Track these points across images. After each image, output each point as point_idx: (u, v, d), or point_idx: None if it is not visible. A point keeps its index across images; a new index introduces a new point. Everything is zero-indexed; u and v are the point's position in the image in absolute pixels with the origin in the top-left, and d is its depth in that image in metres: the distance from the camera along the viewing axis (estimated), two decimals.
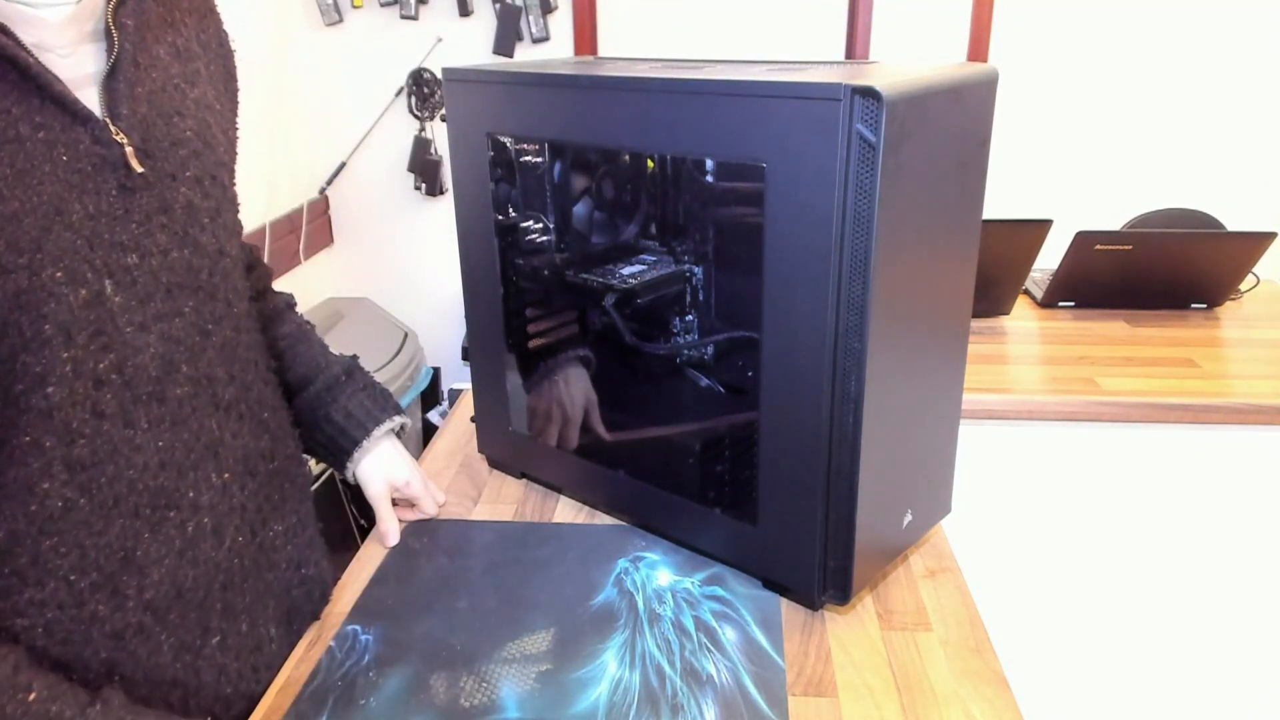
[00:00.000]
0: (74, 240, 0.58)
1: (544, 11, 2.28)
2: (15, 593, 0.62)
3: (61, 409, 0.59)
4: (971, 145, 0.78)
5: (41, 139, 0.57)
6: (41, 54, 0.58)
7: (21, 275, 0.56)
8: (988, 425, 1.49)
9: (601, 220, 1.02)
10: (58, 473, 0.60)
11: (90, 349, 0.60)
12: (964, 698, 0.74)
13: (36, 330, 0.57)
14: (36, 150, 0.57)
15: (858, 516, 0.77)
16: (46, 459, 0.60)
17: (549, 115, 0.87)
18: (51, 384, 0.58)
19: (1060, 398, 1.46)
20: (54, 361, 0.58)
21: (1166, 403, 1.44)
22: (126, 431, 0.63)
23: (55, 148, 0.58)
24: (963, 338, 0.87)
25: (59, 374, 0.59)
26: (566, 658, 0.78)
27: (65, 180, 0.58)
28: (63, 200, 0.58)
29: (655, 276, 0.97)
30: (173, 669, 0.69)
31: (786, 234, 0.73)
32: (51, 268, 0.57)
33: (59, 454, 0.60)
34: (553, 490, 1.05)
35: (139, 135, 0.63)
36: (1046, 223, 1.63)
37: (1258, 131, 2.25)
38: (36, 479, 0.60)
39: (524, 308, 1.03)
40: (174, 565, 0.68)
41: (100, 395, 0.61)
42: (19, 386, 0.57)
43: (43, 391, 0.58)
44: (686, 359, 0.99)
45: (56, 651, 0.64)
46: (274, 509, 0.78)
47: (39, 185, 0.57)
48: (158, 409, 0.64)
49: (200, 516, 0.69)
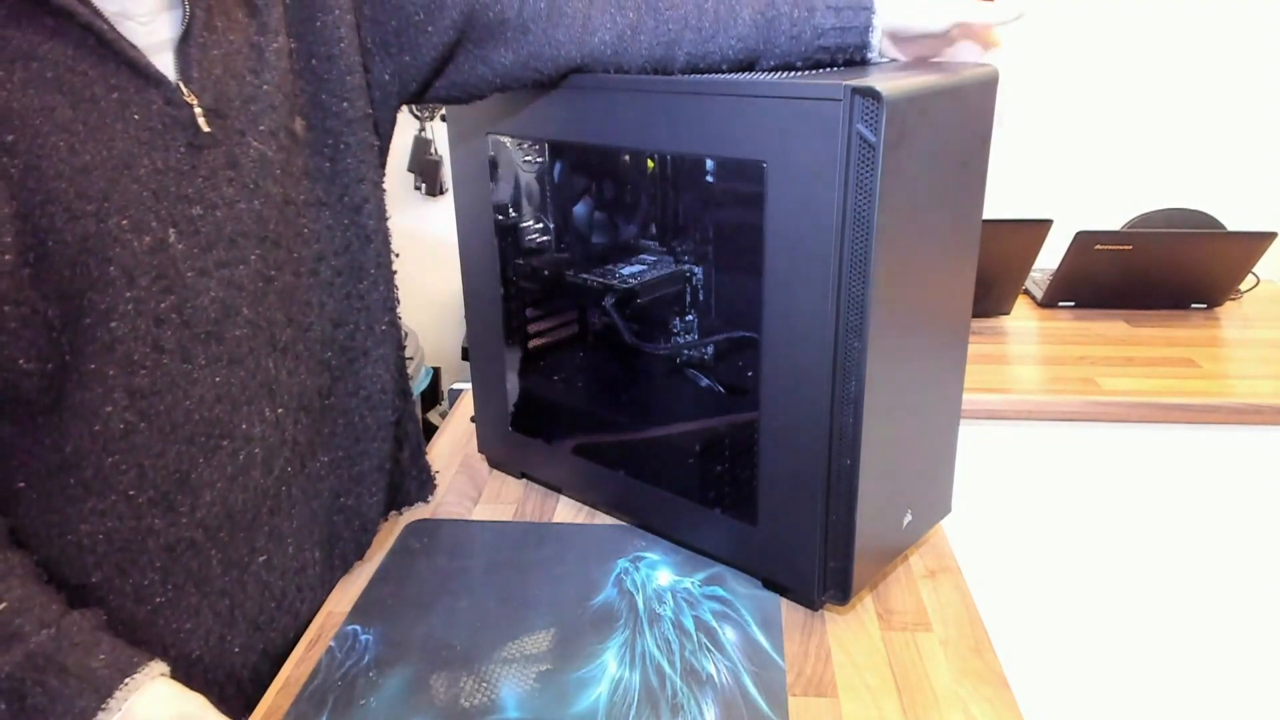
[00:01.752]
0: (140, 192, 0.64)
1: None
2: (80, 501, 0.68)
3: (124, 342, 0.65)
4: (971, 145, 0.78)
5: (115, 99, 0.62)
6: (122, 22, 0.64)
7: (89, 221, 0.62)
8: (988, 425, 1.49)
9: (601, 220, 1.02)
10: (119, 399, 0.66)
11: (152, 290, 0.65)
12: (964, 698, 0.74)
13: (102, 271, 0.63)
14: (110, 109, 0.62)
15: (858, 516, 0.77)
16: (109, 386, 0.65)
17: (549, 115, 0.87)
18: (115, 320, 0.64)
19: (1060, 398, 1.46)
20: (117, 300, 0.64)
21: (1166, 403, 1.44)
22: (184, 366, 0.68)
23: (128, 107, 0.63)
24: (963, 338, 0.87)
25: (121, 311, 0.64)
26: (566, 658, 0.78)
27: (135, 137, 0.64)
28: (132, 155, 0.63)
29: (655, 276, 0.97)
30: (221, 581, 0.75)
31: (786, 234, 0.73)
32: (118, 216, 0.63)
33: (120, 382, 0.66)
34: (553, 490, 1.05)
35: (211, 96, 0.67)
36: (1046, 223, 1.64)
37: (1258, 131, 2.25)
38: (99, 403, 0.65)
39: (524, 308, 1.03)
40: (225, 489, 0.73)
41: (160, 332, 0.66)
42: (86, 320, 0.63)
43: (106, 325, 0.64)
44: (686, 359, 0.99)
45: (116, 558, 0.70)
46: (324, 442, 0.82)
47: (110, 141, 0.62)
48: (215, 348, 0.70)
49: (252, 447, 0.74)
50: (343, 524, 0.87)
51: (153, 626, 0.73)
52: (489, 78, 0.83)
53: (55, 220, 0.60)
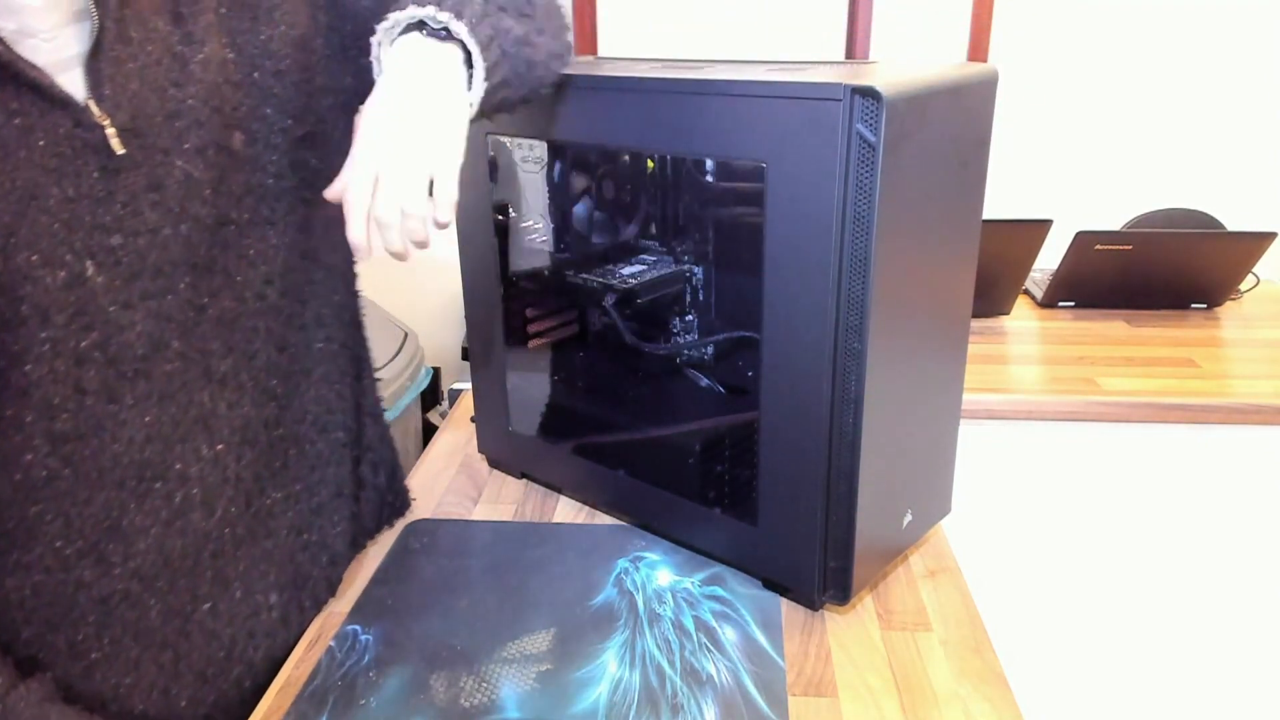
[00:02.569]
0: (50, 224, 0.59)
1: None
2: (3, 554, 0.64)
3: (40, 386, 0.61)
4: (971, 145, 0.78)
5: (17, 125, 0.58)
6: (21, 40, 0.58)
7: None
8: (988, 425, 1.49)
9: (601, 220, 1.02)
10: (40, 445, 0.62)
11: (70, 328, 0.61)
12: (964, 698, 0.74)
13: (14, 311, 0.58)
14: (10, 137, 0.57)
15: (858, 516, 0.77)
16: (27, 432, 0.61)
17: (549, 115, 0.87)
18: (30, 362, 0.60)
19: (1060, 398, 1.46)
20: (31, 340, 0.59)
21: (1166, 403, 1.44)
22: (110, 407, 0.64)
23: (31, 133, 0.58)
24: (963, 338, 0.87)
25: (36, 353, 0.60)
26: (566, 658, 0.78)
27: (41, 165, 0.59)
28: (39, 185, 0.59)
29: (655, 276, 0.97)
30: (162, 633, 0.71)
31: (786, 234, 0.73)
32: (26, 251, 0.58)
33: (40, 427, 0.62)
34: (553, 490, 1.05)
35: (126, 114, 0.62)
36: (1046, 223, 1.63)
37: (1258, 131, 2.25)
38: (18, 451, 0.62)
39: (524, 308, 1.03)
40: (160, 535, 0.69)
41: (82, 372, 0.62)
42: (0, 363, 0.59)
43: (20, 369, 0.60)
44: (686, 359, 0.99)
45: (45, 613, 0.66)
46: (273, 476, 0.77)
47: (13, 171, 0.58)
48: (144, 385, 0.65)
49: (189, 487, 0.69)
50: (309, 561, 0.82)
51: (89, 682, 0.69)
52: None
53: None
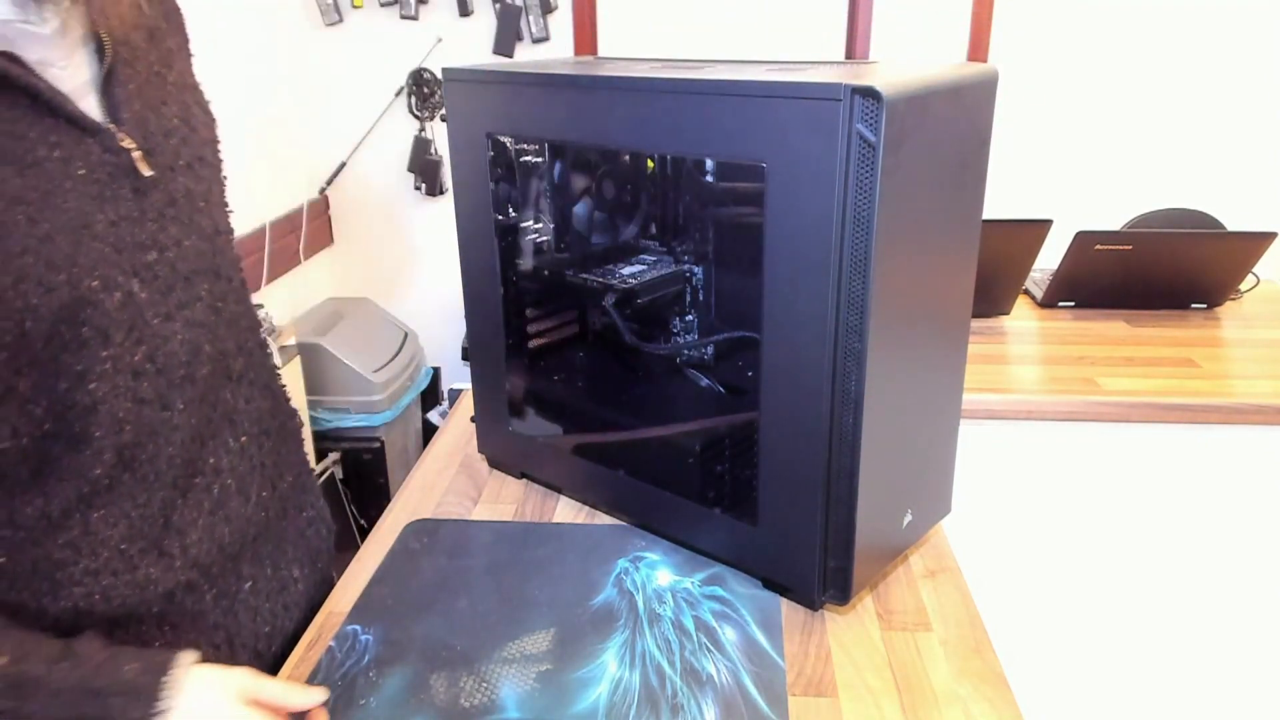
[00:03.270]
0: (102, 249, 0.61)
1: (544, 11, 2.28)
2: (70, 564, 0.66)
3: (106, 401, 0.63)
4: (971, 145, 0.78)
5: (58, 157, 0.59)
6: (45, 70, 0.60)
7: (63, 290, 0.59)
8: (988, 425, 1.49)
9: (601, 220, 1.02)
10: (108, 458, 0.64)
11: (125, 345, 0.63)
12: (964, 698, 0.74)
13: (75, 335, 0.60)
14: (55, 170, 0.59)
15: (858, 516, 0.77)
16: (96, 447, 0.63)
17: (549, 115, 0.87)
18: (93, 380, 0.62)
19: (1060, 398, 1.46)
20: (94, 360, 0.62)
21: (1166, 403, 1.44)
22: (164, 414, 0.67)
23: (71, 164, 0.60)
24: (963, 338, 0.87)
25: (99, 371, 0.62)
26: (566, 658, 0.78)
27: (85, 193, 0.61)
28: (86, 213, 0.61)
29: (655, 276, 0.97)
30: (214, 615, 0.75)
31: (786, 234, 0.73)
32: (88, 279, 0.60)
33: (108, 441, 0.64)
34: (553, 490, 1.05)
35: (140, 135, 0.65)
36: (1046, 223, 1.63)
37: (1258, 131, 2.25)
38: (89, 465, 0.64)
39: (524, 308, 1.03)
40: (209, 524, 0.73)
41: (138, 385, 0.65)
42: (62, 385, 0.61)
43: (85, 388, 0.62)
44: (686, 359, 0.99)
45: (113, 613, 0.69)
46: (283, 462, 0.83)
47: (63, 203, 0.59)
48: (190, 389, 0.69)
49: (224, 479, 0.73)
50: (315, 535, 0.88)
51: None
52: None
53: (30, 298, 0.57)
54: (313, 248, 2.42)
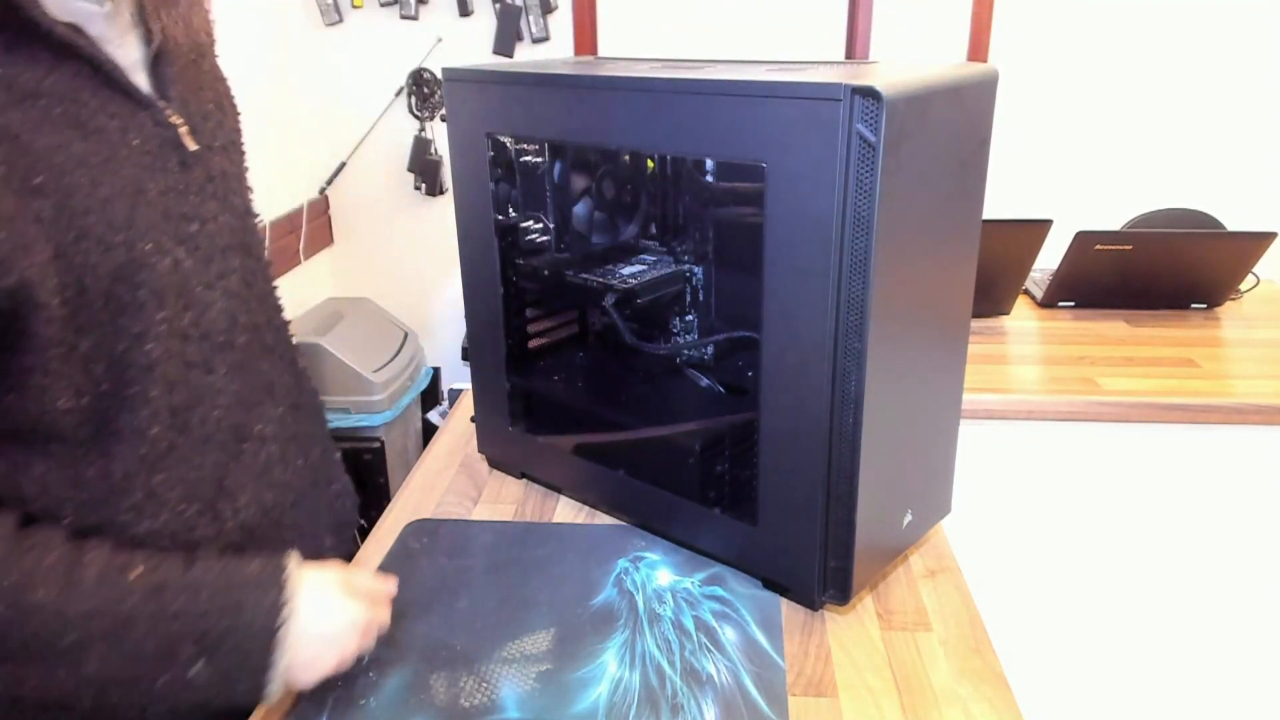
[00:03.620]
0: (153, 216, 0.65)
1: (544, 11, 2.28)
2: (134, 526, 0.68)
3: (161, 363, 0.66)
4: (971, 145, 0.78)
5: (116, 126, 0.64)
6: (104, 45, 0.64)
7: (120, 251, 0.63)
8: (988, 425, 1.49)
9: (601, 220, 1.02)
10: (163, 418, 0.68)
11: (175, 308, 0.67)
12: (964, 698, 0.74)
13: (133, 297, 0.64)
14: (113, 137, 0.63)
15: (858, 516, 0.77)
16: (154, 406, 0.67)
17: (549, 115, 0.87)
18: (150, 342, 0.66)
19: (1060, 398, 1.46)
20: (150, 323, 0.65)
21: (1166, 403, 1.44)
22: (209, 377, 0.71)
23: (128, 133, 0.64)
24: (963, 338, 0.87)
25: (155, 333, 0.66)
26: (566, 658, 0.78)
27: (139, 163, 0.65)
28: (140, 180, 0.65)
29: (655, 276, 0.97)
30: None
31: (786, 234, 0.73)
32: (141, 242, 0.64)
33: (164, 401, 0.67)
34: (553, 490, 1.05)
35: (184, 113, 0.70)
36: (1046, 223, 1.63)
37: (1258, 131, 2.25)
38: (146, 424, 0.67)
39: (524, 308, 1.03)
40: (256, 489, 0.76)
41: (186, 348, 0.69)
42: (120, 346, 0.64)
43: (142, 349, 0.65)
44: (686, 359, 0.99)
45: None
46: (311, 435, 0.86)
47: (120, 169, 0.63)
48: (230, 355, 0.73)
49: (268, 445, 0.77)
50: (341, 508, 0.91)
51: None
52: None
53: (90, 256, 0.61)
54: (313, 248, 2.42)
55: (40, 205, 0.58)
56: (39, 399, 0.62)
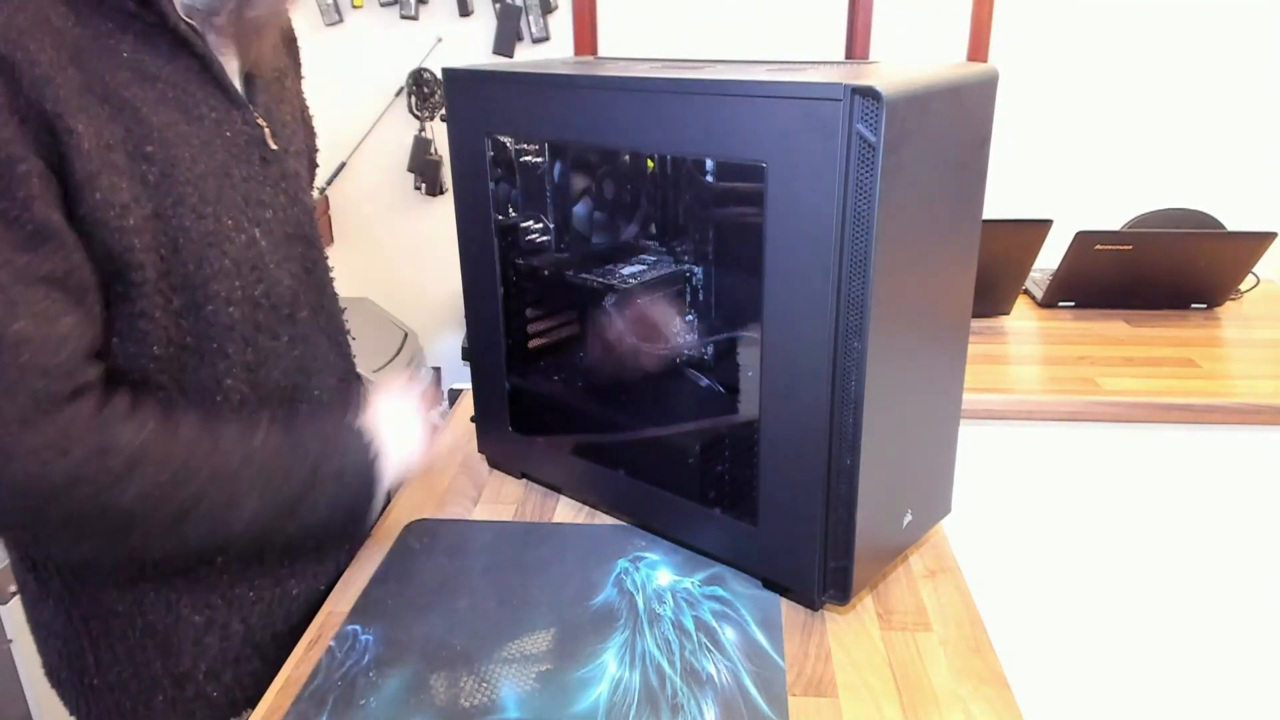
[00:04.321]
0: (235, 197, 0.75)
1: (544, 11, 2.28)
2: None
3: (239, 323, 0.77)
4: (971, 145, 0.78)
5: (214, 118, 0.74)
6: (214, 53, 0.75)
7: (209, 221, 0.73)
8: (988, 425, 1.49)
9: (601, 220, 1.02)
10: (238, 373, 0.78)
11: (250, 279, 0.77)
12: (964, 698, 0.74)
13: (220, 264, 0.74)
14: (210, 126, 0.74)
15: (858, 516, 0.77)
16: (230, 361, 0.77)
17: (549, 115, 0.87)
18: (233, 305, 0.76)
19: (1060, 398, 1.46)
20: (232, 288, 0.75)
21: (1166, 403, 1.44)
22: (274, 343, 0.80)
23: (222, 125, 0.75)
24: (963, 338, 0.87)
25: (236, 298, 0.76)
26: (566, 658, 0.78)
27: (229, 151, 0.75)
28: (228, 166, 0.75)
29: (655, 276, 0.97)
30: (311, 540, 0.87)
31: (786, 234, 0.73)
32: (226, 216, 0.74)
33: (238, 358, 0.77)
34: (553, 490, 1.05)
35: (268, 119, 0.80)
36: (1046, 223, 1.64)
37: (1258, 131, 2.25)
38: (222, 376, 0.77)
39: (524, 308, 1.03)
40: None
41: (258, 314, 0.78)
42: (209, 307, 0.74)
43: (226, 310, 0.75)
44: (686, 359, 0.99)
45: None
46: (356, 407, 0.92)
47: (215, 154, 0.74)
48: (292, 327, 0.82)
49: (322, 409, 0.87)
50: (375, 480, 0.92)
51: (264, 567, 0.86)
52: None
53: (184, 220, 0.71)
54: None
55: (148, 169, 0.69)
56: (140, 343, 0.72)
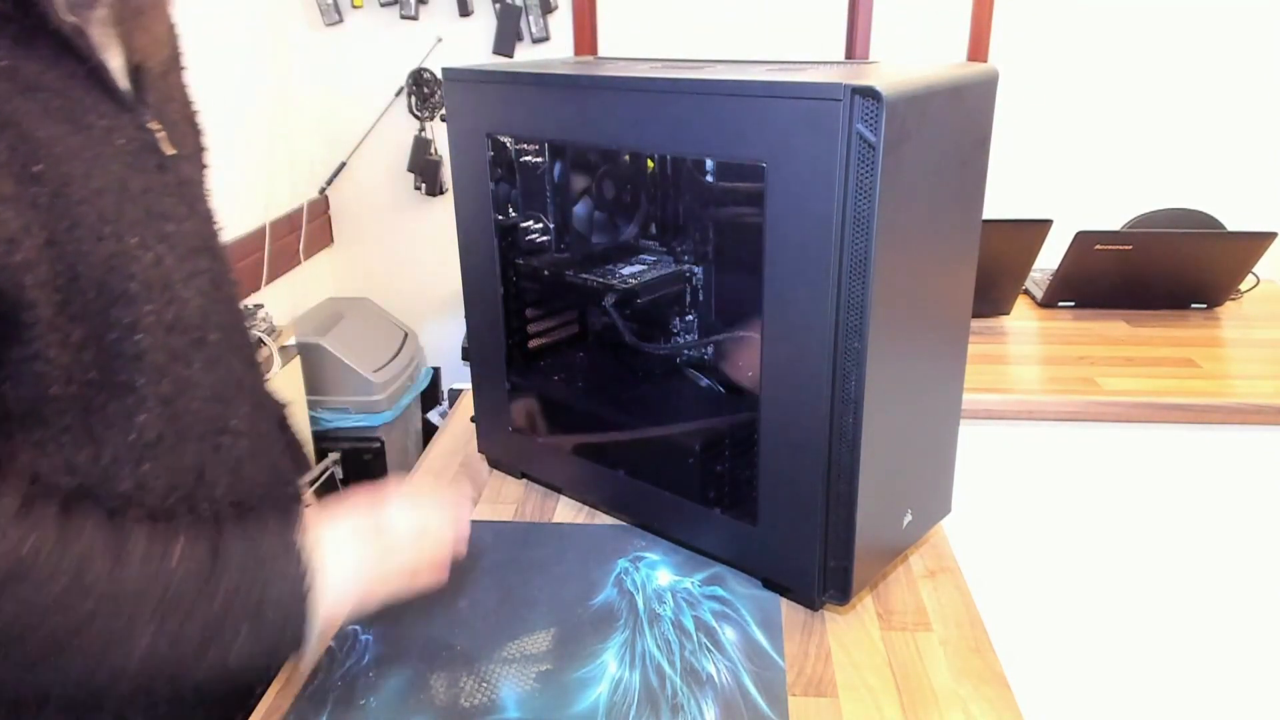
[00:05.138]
0: (137, 212, 0.68)
1: (544, 11, 2.28)
2: (121, 513, 0.69)
3: (149, 353, 0.69)
4: (971, 145, 0.78)
5: (104, 125, 0.66)
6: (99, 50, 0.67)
7: (111, 242, 0.65)
8: (988, 425, 1.49)
9: (601, 220, 1.02)
10: (152, 406, 0.70)
11: (159, 302, 0.69)
12: (964, 698, 0.74)
13: (124, 288, 0.66)
14: (100, 135, 0.66)
15: (858, 516, 0.77)
16: (141, 395, 0.69)
17: (549, 115, 0.87)
18: (140, 332, 0.68)
19: (1060, 398, 1.46)
20: (140, 314, 0.67)
21: (1166, 403, 1.44)
22: (186, 371, 0.73)
23: (114, 133, 0.67)
24: (963, 338, 0.87)
25: (145, 324, 0.68)
26: (566, 658, 0.78)
27: (124, 161, 0.67)
28: (125, 178, 0.67)
29: (655, 276, 0.97)
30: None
31: (786, 234, 0.73)
32: (128, 235, 0.66)
33: (151, 390, 0.69)
34: (553, 490, 1.05)
35: (160, 120, 0.72)
36: (1046, 223, 1.64)
37: (1258, 131, 2.25)
38: (133, 412, 0.69)
39: (524, 308, 1.03)
40: (231, 481, 0.77)
41: (169, 340, 0.71)
42: (112, 335, 0.66)
43: (132, 339, 0.67)
44: (686, 359, 0.99)
45: None
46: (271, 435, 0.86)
47: (108, 166, 0.66)
48: (204, 352, 0.74)
49: (242, 441, 0.78)
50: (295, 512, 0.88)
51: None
52: None
53: (83, 244, 0.63)
54: (313, 248, 2.42)
55: (38, 192, 0.60)
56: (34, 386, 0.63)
